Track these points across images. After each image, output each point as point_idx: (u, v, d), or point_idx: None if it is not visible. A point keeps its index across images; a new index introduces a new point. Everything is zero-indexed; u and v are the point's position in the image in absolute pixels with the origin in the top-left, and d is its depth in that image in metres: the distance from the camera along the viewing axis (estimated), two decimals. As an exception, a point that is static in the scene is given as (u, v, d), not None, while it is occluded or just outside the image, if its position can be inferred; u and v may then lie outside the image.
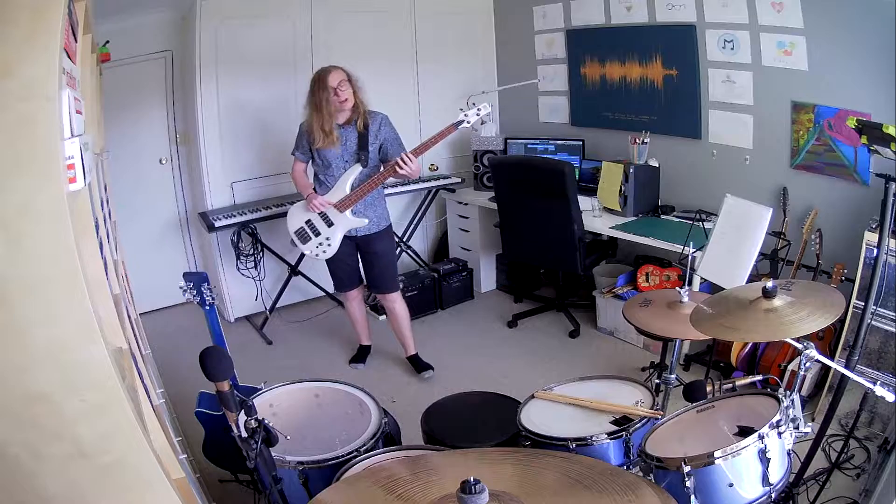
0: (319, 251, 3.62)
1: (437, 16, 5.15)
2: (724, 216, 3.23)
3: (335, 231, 3.57)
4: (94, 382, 1.19)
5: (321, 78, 3.37)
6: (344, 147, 3.49)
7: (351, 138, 3.49)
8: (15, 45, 1.05)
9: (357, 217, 3.55)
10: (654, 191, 4.26)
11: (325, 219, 3.57)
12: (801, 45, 3.45)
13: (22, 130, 1.07)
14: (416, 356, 3.96)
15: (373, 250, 3.67)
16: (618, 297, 4.18)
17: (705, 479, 1.66)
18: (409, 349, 3.96)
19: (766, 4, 3.54)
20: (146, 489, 1.31)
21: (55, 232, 1.10)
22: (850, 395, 2.69)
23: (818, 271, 3.30)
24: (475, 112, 3.50)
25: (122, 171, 4.32)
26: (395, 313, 3.84)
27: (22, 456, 1.18)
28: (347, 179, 3.50)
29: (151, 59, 4.50)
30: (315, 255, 3.66)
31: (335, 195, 3.52)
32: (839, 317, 1.78)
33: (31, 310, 1.12)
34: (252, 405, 1.60)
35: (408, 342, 3.94)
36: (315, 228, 3.60)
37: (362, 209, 3.56)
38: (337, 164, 3.51)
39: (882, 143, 2.46)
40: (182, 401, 3.18)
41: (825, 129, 3.44)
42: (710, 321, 1.89)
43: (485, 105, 3.50)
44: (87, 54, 2.09)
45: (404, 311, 3.87)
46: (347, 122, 3.47)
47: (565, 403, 2.26)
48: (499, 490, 1.24)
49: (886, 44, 3.02)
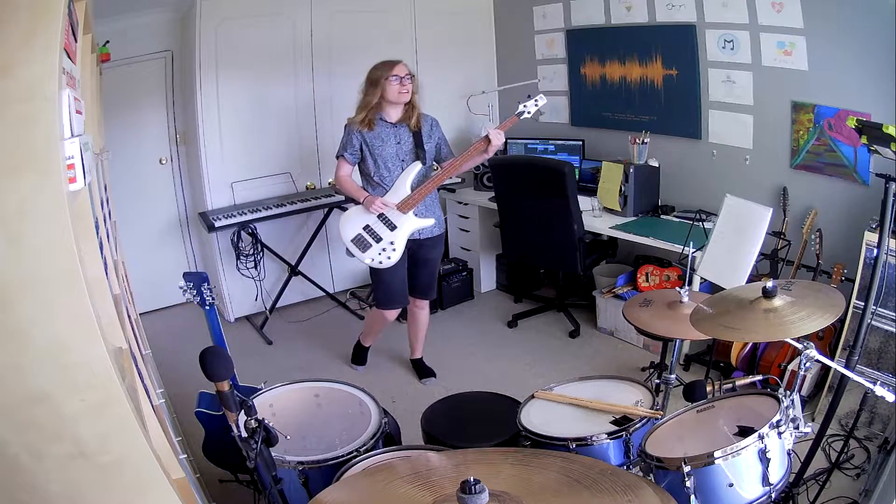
0: (383, 258, 3.34)
1: (437, 16, 5.15)
2: (724, 216, 3.23)
3: (398, 234, 3.35)
4: (94, 382, 1.19)
5: (385, 65, 3.29)
6: (398, 146, 3.37)
7: (405, 137, 3.38)
8: (15, 45, 1.05)
9: (421, 218, 3.39)
10: (653, 191, 4.27)
11: (385, 222, 3.35)
12: (800, 45, 3.45)
13: (22, 130, 1.07)
14: (421, 360, 3.93)
15: (428, 255, 3.55)
16: (618, 297, 4.18)
17: (705, 479, 1.66)
18: (416, 352, 3.94)
19: (766, 4, 3.54)
20: (146, 489, 1.31)
21: (55, 232, 1.10)
22: (850, 395, 2.69)
23: (818, 271, 3.30)
24: (534, 103, 3.40)
25: (123, 171, 4.32)
26: (420, 318, 3.79)
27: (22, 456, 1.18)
28: (407, 178, 3.35)
29: (151, 60, 4.50)
30: (378, 263, 3.35)
31: (395, 196, 3.34)
32: (839, 317, 1.78)
33: (32, 310, 1.12)
34: (252, 405, 1.61)
35: (419, 346, 3.92)
36: (375, 234, 3.36)
37: (423, 210, 3.41)
38: (393, 162, 3.36)
39: (882, 143, 2.46)
40: (182, 401, 3.18)
41: (825, 129, 3.44)
42: (710, 321, 1.89)
43: (541, 96, 3.42)
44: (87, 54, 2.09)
45: (427, 317, 3.83)
46: (400, 121, 3.38)
47: (565, 403, 2.26)
48: (499, 490, 1.24)
49: (886, 44, 3.02)
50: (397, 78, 3.26)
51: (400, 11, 5.01)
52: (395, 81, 3.26)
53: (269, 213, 4.40)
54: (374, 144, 3.35)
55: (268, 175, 4.68)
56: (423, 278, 3.62)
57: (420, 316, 3.78)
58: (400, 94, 3.28)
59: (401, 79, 3.26)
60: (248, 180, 4.62)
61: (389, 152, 3.36)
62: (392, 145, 3.36)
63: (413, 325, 3.86)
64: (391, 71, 3.26)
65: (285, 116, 4.69)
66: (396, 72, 3.26)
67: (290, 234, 4.77)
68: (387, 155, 3.36)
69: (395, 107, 3.36)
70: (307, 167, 4.84)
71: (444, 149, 3.51)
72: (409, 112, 3.38)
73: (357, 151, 3.38)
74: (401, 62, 3.32)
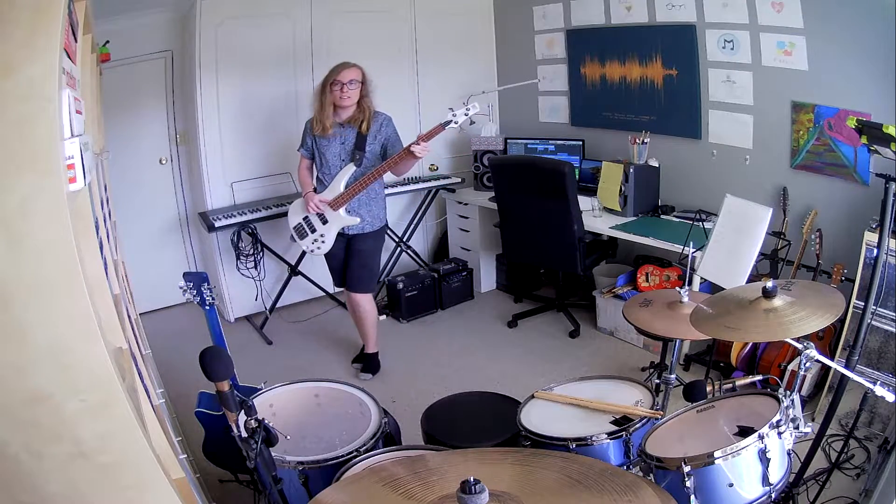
0: (314, 247, 3.74)
1: (437, 16, 5.15)
2: (724, 216, 3.23)
3: (329, 228, 3.67)
4: (94, 382, 1.19)
5: (333, 71, 3.46)
6: (342, 146, 3.56)
7: (349, 138, 3.54)
8: (15, 45, 1.05)
9: (350, 215, 3.62)
10: (653, 191, 4.27)
11: (320, 216, 3.67)
12: (800, 45, 3.45)
13: (22, 130, 1.07)
14: (373, 355, 3.96)
15: (356, 248, 3.71)
16: (618, 297, 4.18)
17: (705, 479, 1.66)
18: (368, 347, 3.96)
19: (766, 4, 3.54)
20: (146, 489, 1.30)
21: (55, 232, 1.10)
22: (850, 395, 2.69)
23: (818, 271, 3.30)
24: (464, 112, 3.44)
25: (122, 171, 4.32)
26: (360, 312, 3.84)
27: (22, 456, 1.18)
28: (342, 178, 3.57)
29: (151, 59, 4.50)
30: (311, 251, 3.79)
31: (330, 193, 3.60)
32: (839, 317, 1.78)
33: (32, 310, 1.12)
34: (252, 405, 1.60)
35: (368, 340, 3.94)
36: (311, 225, 3.72)
37: (356, 207, 3.63)
38: (334, 162, 3.58)
39: (882, 143, 2.46)
40: (182, 401, 3.19)
41: (825, 129, 3.44)
42: (711, 321, 1.89)
43: (474, 104, 3.48)
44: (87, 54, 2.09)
45: (371, 311, 3.86)
46: (349, 122, 3.53)
47: (565, 403, 2.26)
48: (499, 490, 1.24)
49: (886, 44, 3.02)
50: (339, 84, 3.42)
51: (400, 12, 5.01)
52: (336, 88, 3.44)
53: (268, 212, 4.40)
54: (321, 143, 3.59)
55: (268, 175, 4.68)
56: (353, 270, 3.77)
57: (358, 310, 3.83)
58: (341, 99, 3.45)
59: (342, 85, 3.42)
60: (247, 180, 4.62)
61: (333, 152, 3.57)
62: (336, 145, 3.56)
63: (353, 316, 3.93)
64: (335, 76, 3.43)
65: (285, 116, 4.69)
66: (339, 78, 3.42)
67: (290, 234, 4.76)
68: (329, 155, 3.58)
69: (340, 109, 3.52)
70: (307, 167, 4.84)
71: (391, 149, 3.58)
72: (359, 114, 3.52)
73: (310, 148, 3.67)
74: (348, 67, 3.45)
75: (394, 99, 4.87)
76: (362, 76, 3.50)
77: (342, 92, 3.43)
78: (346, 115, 3.53)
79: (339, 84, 3.43)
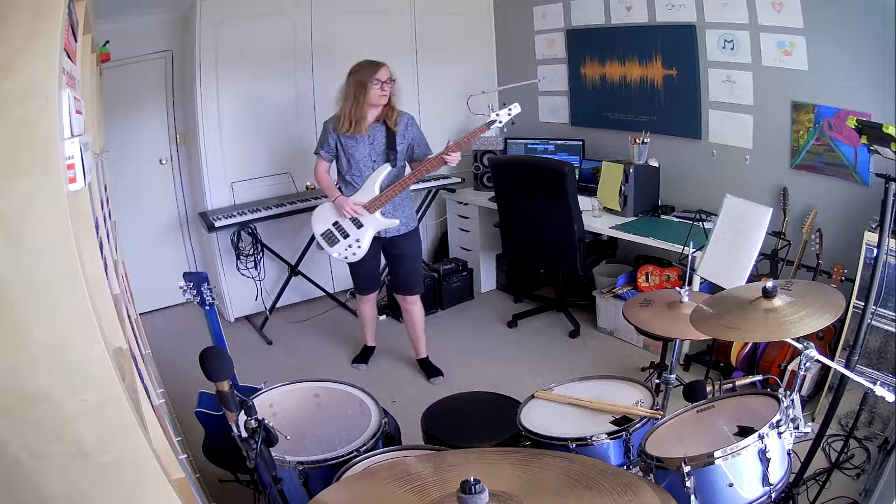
0: (348, 253, 3.54)
1: (437, 16, 5.15)
2: (724, 216, 3.23)
3: (365, 233, 3.50)
4: (94, 382, 1.19)
5: (369, 68, 3.33)
6: (372, 146, 3.44)
7: (379, 137, 3.44)
8: (15, 45, 1.05)
9: (387, 218, 3.49)
10: (653, 191, 4.27)
11: (353, 220, 3.49)
12: (801, 45, 3.45)
13: (22, 130, 1.07)
14: (427, 360, 3.92)
15: (400, 251, 3.61)
16: (618, 297, 4.18)
17: (705, 479, 1.66)
18: (420, 352, 3.92)
19: (766, 4, 3.54)
20: (146, 489, 1.31)
21: (55, 232, 1.10)
22: (850, 395, 2.69)
23: (818, 271, 3.30)
24: (507, 112, 3.47)
25: (123, 171, 4.32)
26: (413, 315, 3.79)
27: (22, 456, 1.18)
28: (376, 179, 3.44)
29: (151, 60, 4.50)
30: (344, 258, 3.58)
31: (364, 196, 3.46)
32: (839, 317, 1.78)
33: (32, 310, 1.12)
34: (252, 405, 1.61)
35: (420, 345, 3.90)
36: (343, 230, 3.53)
37: (391, 210, 3.50)
38: (365, 163, 3.45)
39: (882, 143, 2.46)
40: (182, 401, 3.18)
41: (825, 129, 3.44)
42: (711, 321, 1.89)
43: (515, 105, 3.48)
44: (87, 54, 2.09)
45: (421, 314, 3.83)
46: (377, 121, 3.43)
47: (565, 403, 2.26)
48: (499, 490, 1.24)
49: (886, 44, 3.02)
50: (378, 83, 3.31)
51: (400, 12, 5.01)
52: (376, 86, 3.31)
53: (269, 212, 4.40)
54: (348, 145, 3.44)
55: (268, 175, 4.68)
56: (401, 275, 3.70)
57: (413, 312, 3.79)
58: (380, 97, 3.34)
59: (382, 83, 3.32)
60: (247, 180, 4.62)
61: (362, 153, 3.44)
62: (365, 146, 3.43)
63: (407, 323, 3.87)
64: (374, 75, 3.31)
65: (285, 116, 4.69)
66: (379, 76, 3.31)
67: (290, 234, 4.77)
68: (359, 156, 3.44)
69: (373, 108, 3.41)
70: (307, 167, 4.80)
71: (418, 148, 3.53)
72: (387, 112, 3.43)
73: (332, 149, 3.50)
74: (384, 65, 3.37)
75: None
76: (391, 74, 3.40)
77: (382, 90, 3.32)
78: (374, 114, 3.42)
79: (379, 82, 3.31)
